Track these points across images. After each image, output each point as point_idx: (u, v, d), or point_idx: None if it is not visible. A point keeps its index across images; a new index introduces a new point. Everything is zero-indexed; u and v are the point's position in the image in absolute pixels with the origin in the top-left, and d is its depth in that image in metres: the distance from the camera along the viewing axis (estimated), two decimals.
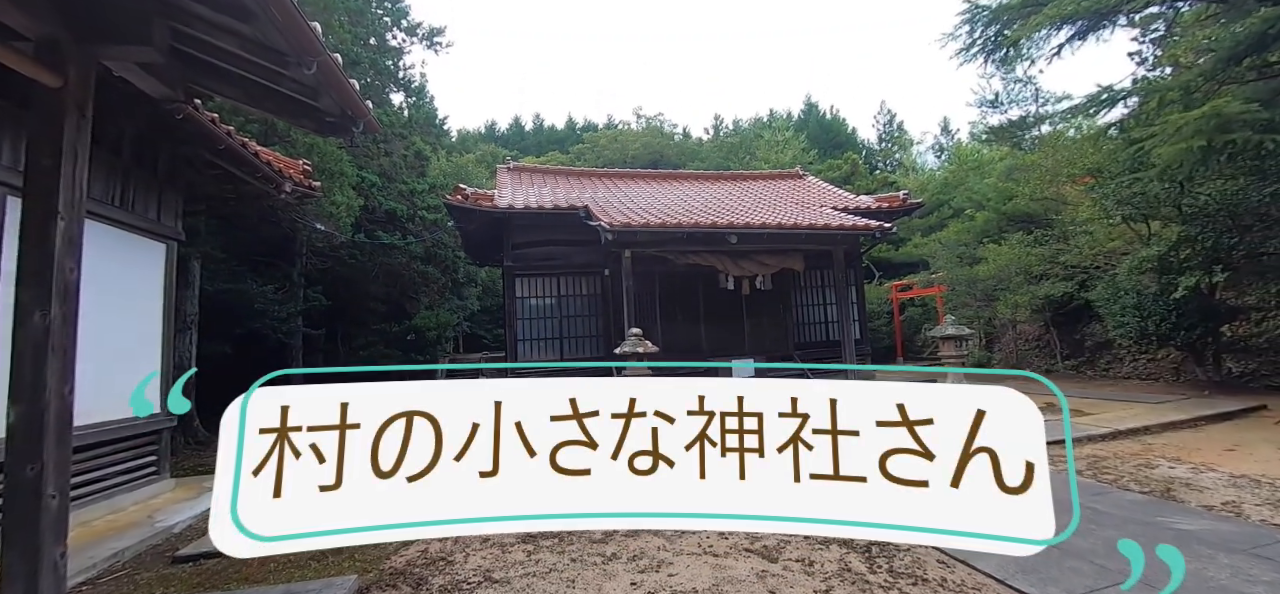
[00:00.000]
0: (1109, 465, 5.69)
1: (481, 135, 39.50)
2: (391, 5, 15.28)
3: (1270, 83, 7.42)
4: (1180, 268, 8.97)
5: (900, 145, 35.68)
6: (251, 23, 2.75)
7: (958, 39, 9.99)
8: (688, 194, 13.92)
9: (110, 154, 5.29)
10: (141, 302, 5.67)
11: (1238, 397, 8.54)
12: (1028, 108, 15.36)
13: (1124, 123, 9.21)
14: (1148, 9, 8.84)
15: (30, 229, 2.44)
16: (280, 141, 9.56)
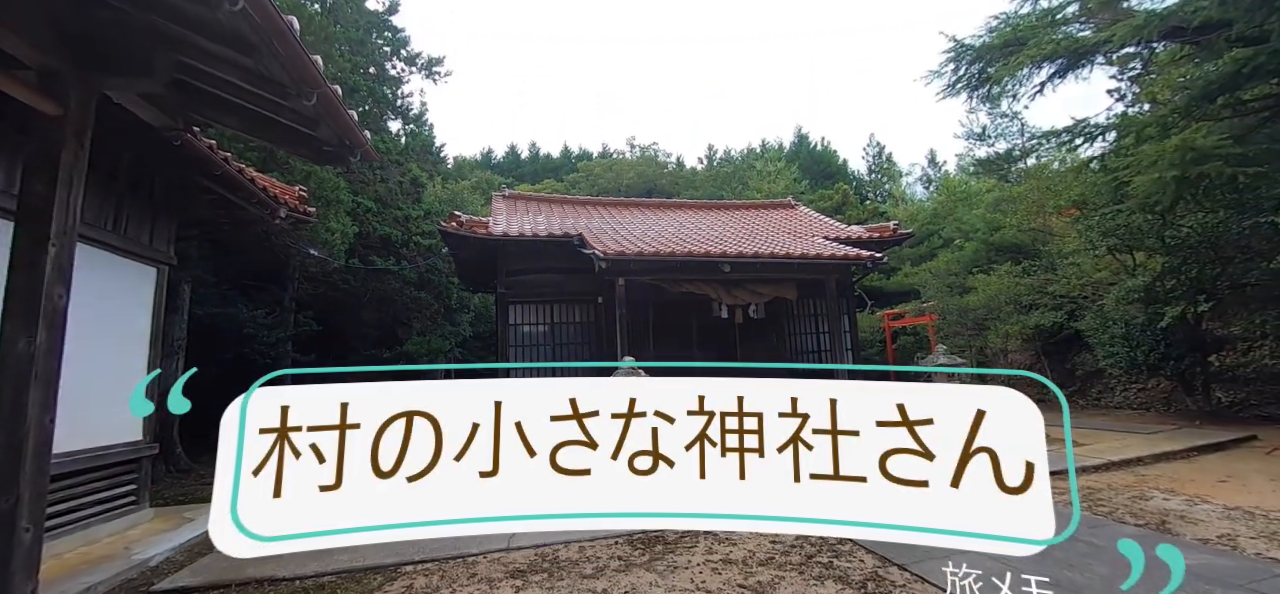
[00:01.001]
0: (1104, 497, 5.68)
1: (478, 162, 39.86)
2: (392, 36, 15.59)
3: (1244, 120, 7.70)
4: (1166, 298, 9.12)
5: (889, 176, 36.37)
6: (254, 56, 2.79)
7: (943, 76, 10.32)
8: (681, 222, 14.06)
9: (105, 178, 5.29)
10: (128, 326, 5.59)
11: (1229, 427, 8.58)
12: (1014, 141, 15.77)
13: (1104, 157, 9.48)
14: (1124, 49, 9.20)
15: (20, 255, 2.42)
16: (279, 169, 9.62)
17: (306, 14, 11.30)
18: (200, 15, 2.59)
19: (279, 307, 12.15)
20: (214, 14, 2.49)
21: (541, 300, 11.98)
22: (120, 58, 2.89)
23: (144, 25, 2.89)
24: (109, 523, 5.21)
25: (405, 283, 14.48)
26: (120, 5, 2.78)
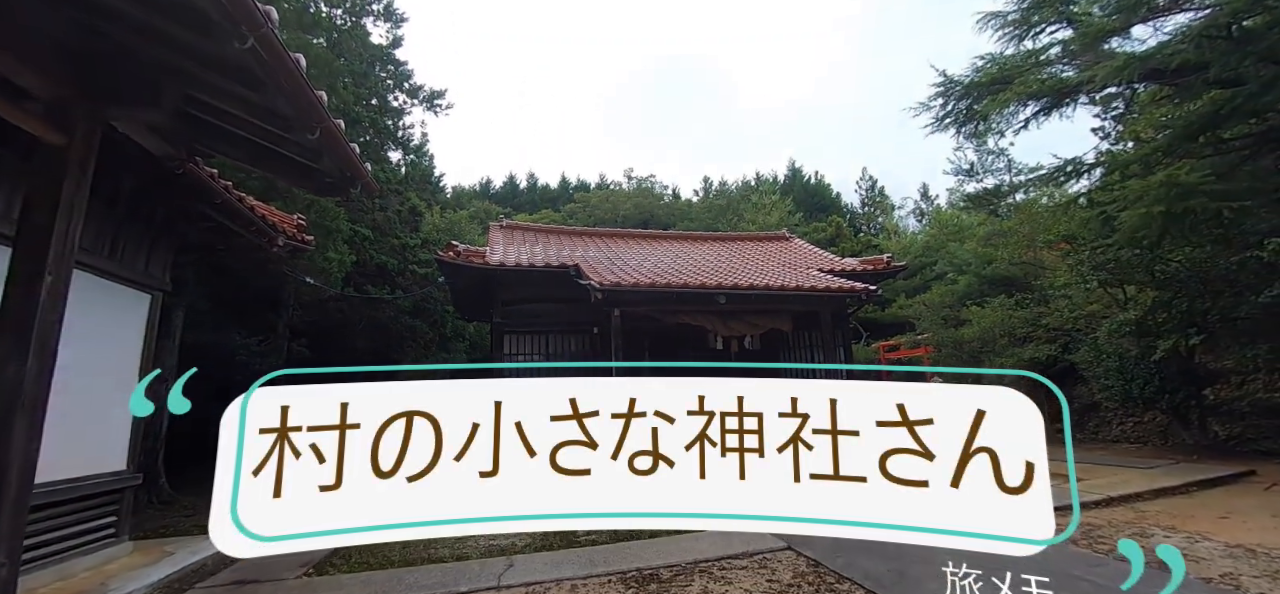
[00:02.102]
0: (1104, 534, 5.61)
1: (476, 192, 40.28)
2: (395, 69, 15.92)
3: (1226, 157, 7.91)
4: (1158, 331, 9.19)
5: (882, 210, 36.90)
6: (260, 91, 2.85)
7: (931, 110, 10.59)
8: (677, 254, 14.17)
9: (105, 205, 5.31)
10: (118, 353, 5.52)
11: (1227, 461, 8.54)
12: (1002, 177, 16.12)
13: (1091, 193, 9.68)
14: (1105, 90, 9.50)
15: (16, 282, 2.42)
16: (282, 197, 9.68)
17: (313, 50, 11.55)
18: (210, 50, 2.66)
19: (273, 333, 12.07)
20: (223, 50, 2.55)
21: (537, 330, 11.95)
22: (127, 88, 2.94)
23: (153, 58, 2.95)
24: (86, 556, 5.04)
25: (400, 311, 14.44)
26: (130, 38, 2.85)
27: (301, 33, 11.49)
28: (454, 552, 5.03)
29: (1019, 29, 9.62)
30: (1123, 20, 8.07)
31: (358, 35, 14.40)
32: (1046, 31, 9.57)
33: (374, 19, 15.16)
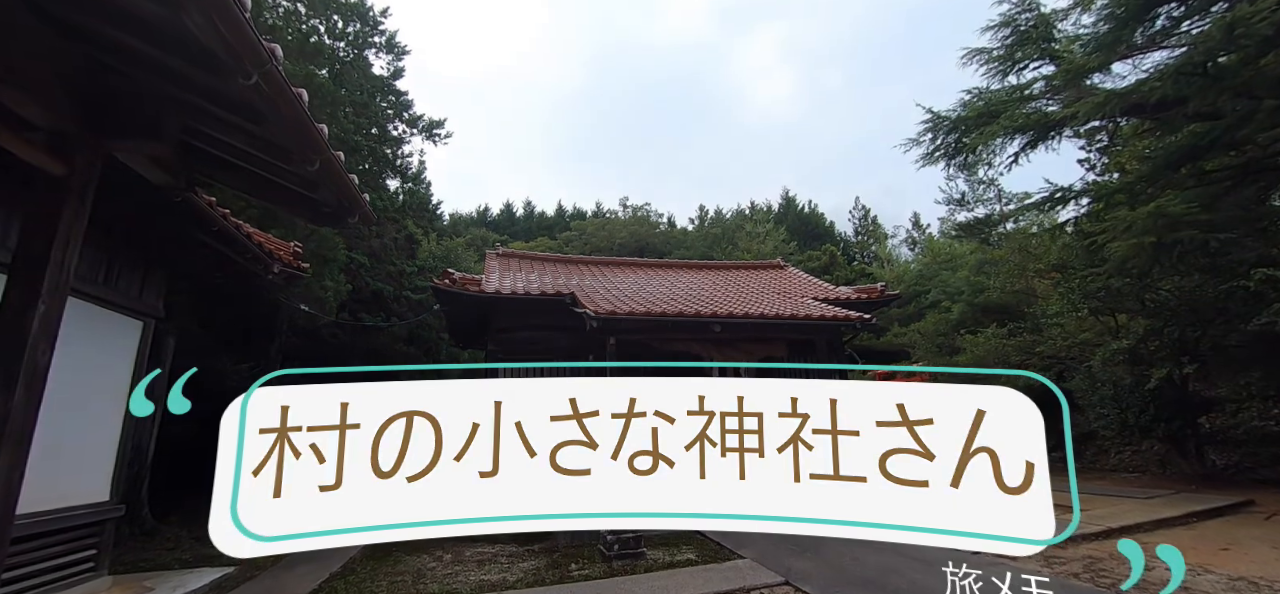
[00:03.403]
0: (1106, 567, 5.54)
1: (473, 220, 40.51)
2: (396, 99, 16.19)
3: (1209, 188, 8.09)
4: (1151, 359, 9.23)
5: (875, 238, 37.28)
6: (262, 124, 2.89)
7: (921, 144, 10.84)
8: (672, 282, 14.23)
9: (101, 231, 5.30)
10: (106, 380, 5.43)
11: (1225, 490, 8.50)
12: (992, 207, 16.39)
13: (1079, 221, 9.85)
14: (1089, 123, 9.76)
15: (8, 312, 2.40)
16: (280, 225, 9.72)
17: (316, 80, 11.75)
18: (215, 86, 2.70)
19: (266, 359, 11.95)
20: (227, 86, 2.60)
21: (532, 358, 11.88)
22: (130, 121, 2.97)
23: (156, 91, 3.00)
24: (63, 592, 4.88)
25: (395, 338, 14.37)
26: (135, 72, 2.90)
27: (305, 62, 11.70)
28: (443, 586, 4.90)
29: (1003, 65, 9.94)
30: (1102, 58, 8.35)
31: (359, 66, 14.68)
32: (1030, 68, 9.89)
33: (376, 51, 15.49)
